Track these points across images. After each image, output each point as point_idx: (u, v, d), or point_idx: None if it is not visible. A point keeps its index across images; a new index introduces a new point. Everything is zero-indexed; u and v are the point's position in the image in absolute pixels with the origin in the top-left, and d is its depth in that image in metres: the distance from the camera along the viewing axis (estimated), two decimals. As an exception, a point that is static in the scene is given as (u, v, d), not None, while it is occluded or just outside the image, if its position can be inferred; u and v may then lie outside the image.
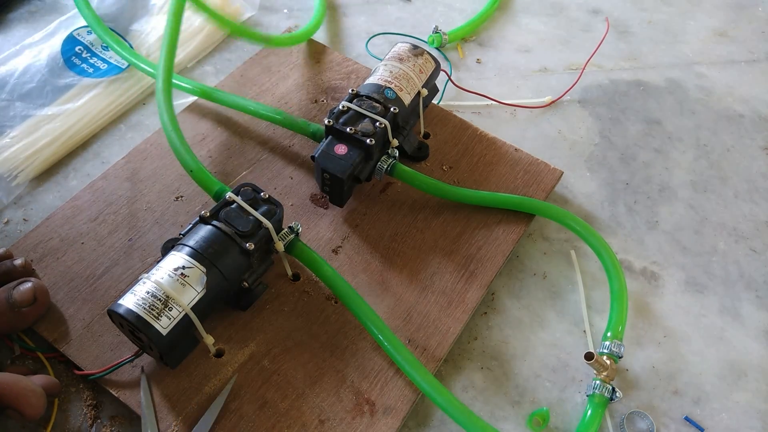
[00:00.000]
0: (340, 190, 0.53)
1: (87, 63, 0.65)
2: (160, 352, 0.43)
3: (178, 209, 0.55)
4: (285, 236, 0.49)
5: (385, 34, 0.75)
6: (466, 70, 0.72)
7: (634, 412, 0.49)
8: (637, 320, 0.54)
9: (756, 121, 0.70)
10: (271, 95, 0.64)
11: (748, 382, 0.51)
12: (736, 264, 0.58)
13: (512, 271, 0.56)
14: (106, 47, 0.67)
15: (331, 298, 0.51)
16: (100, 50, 0.67)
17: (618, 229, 0.60)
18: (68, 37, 0.67)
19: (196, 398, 0.46)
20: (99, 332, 0.48)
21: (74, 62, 0.65)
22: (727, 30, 0.80)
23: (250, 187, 0.49)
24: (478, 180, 0.59)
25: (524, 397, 0.49)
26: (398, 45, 0.60)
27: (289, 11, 0.76)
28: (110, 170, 0.58)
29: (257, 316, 0.50)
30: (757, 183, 0.64)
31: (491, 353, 0.51)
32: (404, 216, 0.56)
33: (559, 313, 0.54)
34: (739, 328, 0.54)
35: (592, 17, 0.80)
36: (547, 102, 0.69)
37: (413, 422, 0.48)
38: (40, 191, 0.58)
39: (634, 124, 0.68)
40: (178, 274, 0.44)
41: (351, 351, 0.49)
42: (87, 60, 0.66)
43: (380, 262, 0.53)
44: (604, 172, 0.64)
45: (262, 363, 0.48)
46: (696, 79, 0.74)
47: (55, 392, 0.45)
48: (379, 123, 0.53)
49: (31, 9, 0.73)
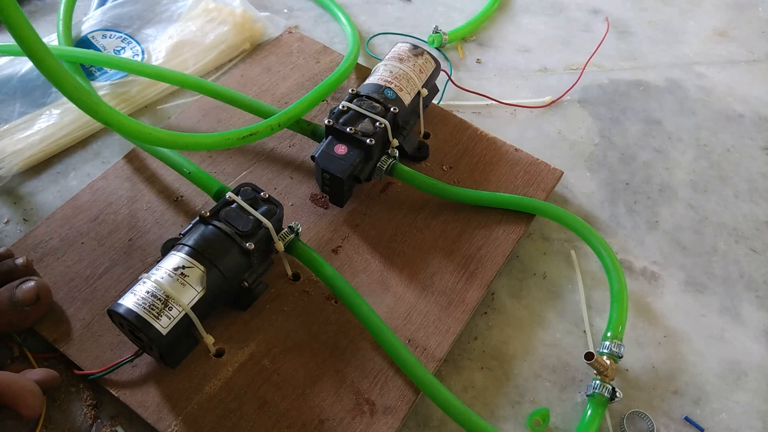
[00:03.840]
0: (340, 190, 0.53)
1: (95, 66, 0.65)
2: (160, 352, 0.43)
3: (178, 209, 0.55)
4: (285, 236, 0.49)
5: (385, 34, 0.75)
6: (466, 70, 0.72)
7: (634, 412, 0.49)
8: (637, 320, 0.54)
9: (756, 121, 0.70)
10: (271, 95, 0.64)
11: (748, 382, 0.51)
12: (736, 264, 0.58)
13: (512, 271, 0.56)
14: (118, 51, 0.67)
15: (331, 298, 0.51)
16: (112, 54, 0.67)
17: (618, 229, 0.60)
18: (82, 39, 0.67)
19: (196, 398, 0.46)
20: (99, 332, 0.48)
21: (83, 65, 0.65)
22: (727, 30, 0.80)
23: (250, 187, 0.49)
24: (478, 180, 0.59)
25: (524, 397, 0.49)
26: (398, 45, 0.61)
27: (289, 11, 0.76)
28: (110, 170, 0.58)
29: (257, 316, 0.50)
30: (757, 183, 0.64)
31: (491, 353, 0.51)
32: (404, 216, 0.56)
33: (559, 313, 0.54)
34: (739, 328, 0.54)
35: (592, 17, 0.80)
36: (547, 102, 0.69)
37: (413, 422, 0.48)
38: (40, 191, 0.58)
39: (634, 124, 0.68)
40: (178, 274, 0.44)
41: (351, 351, 0.49)
42: None
43: (380, 262, 0.53)
44: (604, 172, 0.64)
45: (262, 363, 0.48)
46: (696, 79, 0.74)
47: (55, 384, 0.45)
48: (379, 123, 0.53)
49: (31, 9, 0.73)
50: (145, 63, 0.65)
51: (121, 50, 0.67)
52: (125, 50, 0.67)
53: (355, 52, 0.65)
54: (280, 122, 0.55)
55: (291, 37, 0.70)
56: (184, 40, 0.68)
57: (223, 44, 0.69)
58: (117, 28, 0.69)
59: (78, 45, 0.67)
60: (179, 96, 0.66)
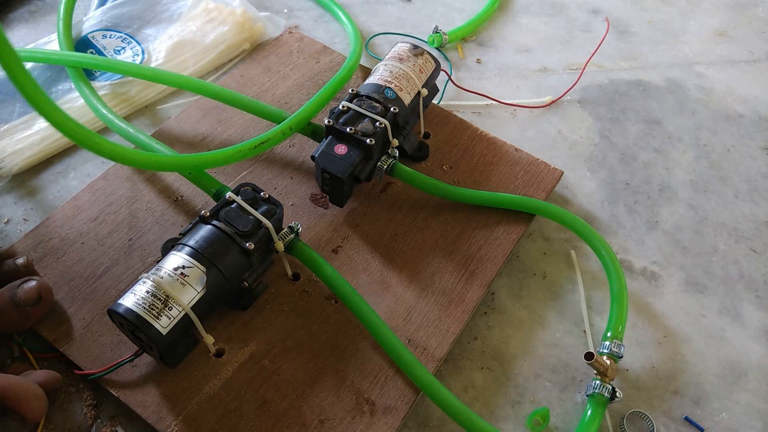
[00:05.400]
0: (340, 190, 0.53)
1: None
2: (160, 351, 0.43)
3: (178, 209, 0.55)
4: (285, 236, 0.49)
5: (385, 34, 0.75)
6: (466, 70, 0.72)
7: (634, 412, 0.49)
8: (637, 320, 0.54)
9: (756, 121, 0.70)
10: (271, 95, 0.64)
11: (748, 382, 0.51)
12: (736, 264, 0.58)
13: (512, 271, 0.56)
14: (118, 51, 0.67)
15: (331, 298, 0.51)
16: (112, 54, 0.67)
17: (618, 229, 0.60)
18: (82, 39, 0.67)
19: (196, 398, 0.46)
20: (99, 332, 0.48)
21: None
22: (727, 30, 0.80)
23: (250, 187, 0.49)
24: (478, 180, 0.59)
25: (524, 397, 0.49)
26: (398, 45, 0.60)
27: (289, 11, 0.76)
28: (110, 170, 0.58)
29: (257, 316, 0.50)
30: (757, 183, 0.64)
31: (491, 353, 0.51)
32: (404, 216, 0.56)
33: (559, 313, 0.54)
34: (739, 328, 0.54)
35: (592, 17, 0.80)
36: (547, 102, 0.69)
37: (413, 422, 0.48)
38: (40, 191, 0.58)
39: (634, 124, 0.68)
40: (178, 274, 0.44)
41: (351, 351, 0.49)
42: None
43: (380, 262, 0.53)
44: (604, 172, 0.64)
45: (262, 363, 0.48)
46: (696, 79, 0.74)
47: (57, 386, 0.45)
48: (379, 123, 0.53)
49: (31, 9, 0.73)
50: (144, 65, 0.65)
51: (121, 50, 0.67)
52: (125, 50, 0.67)
53: (358, 50, 0.65)
54: (291, 126, 0.55)
55: (291, 37, 0.70)
56: (184, 40, 0.68)
57: (223, 44, 0.69)
58: (117, 28, 0.69)
59: (78, 45, 0.67)
60: (179, 96, 0.66)
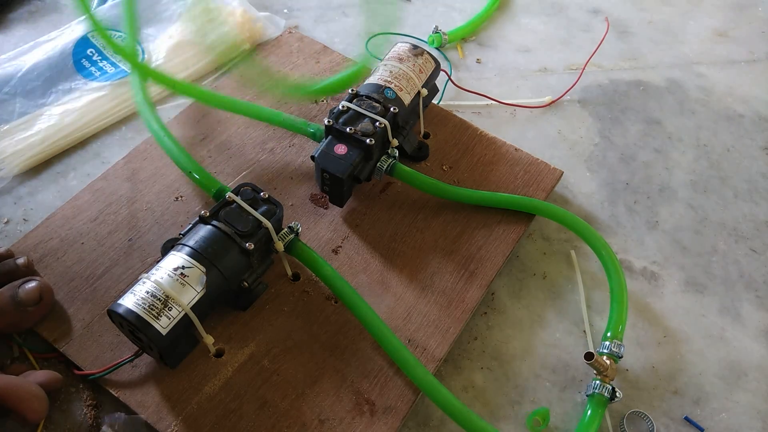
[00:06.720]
0: (340, 190, 0.53)
1: (96, 66, 0.65)
2: (159, 352, 0.43)
3: (178, 209, 0.55)
4: (285, 236, 0.49)
5: (385, 34, 0.75)
6: (466, 70, 0.72)
7: (634, 412, 0.49)
8: (637, 320, 0.54)
9: (756, 121, 0.70)
10: (271, 95, 0.64)
11: (748, 382, 0.51)
12: (736, 264, 0.58)
13: (512, 271, 0.56)
14: None
15: (331, 298, 0.51)
16: (111, 54, 0.67)
17: (618, 229, 0.60)
18: (82, 39, 0.67)
19: (196, 398, 0.46)
20: (99, 332, 0.48)
21: (83, 65, 0.65)
22: (727, 30, 0.80)
23: (249, 187, 0.49)
24: (478, 180, 0.59)
25: (524, 397, 0.49)
26: (398, 45, 0.60)
27: (289, 11, 0.76)
28: (110, 170, 0.58)
29: (257, 316, 0.50)
30: (757, 183, 0.64)
31: (491, 353, 0.51)
32: (404, 216, 0.56)
33: (559, 313, 0.54)
34: (739, 328, 0.54)
35: (592, 17, 0.80)
36: (547, 102, 0.69)
37: (413, 422, 0.48)
38: (40, 191, 0.58)
39: (634, 124, 0.68)
40: (178, 274, 0.44)
41: (351, 351, 0.49)
42: (96, 63, 0.66)
43: (380, 262, 0.53)
44: (604, 172, 0.64)
45: (262, 363, 0.48)
46: (696, 79, 0.74)
47: (57, 386, 0.45)
48: (379, 123, 0.53)
49: (31, 9, 0.73)
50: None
51: None
52: (125, 50, 0.67)
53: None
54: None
55: (291, 37, 0.70)
56: (184, 40, 0.68)
57: (223, 44, 0.69)
58: (117, 28, 0.69)
59: (78, 44, 0.67)
60: (179, 96, 0.66)
